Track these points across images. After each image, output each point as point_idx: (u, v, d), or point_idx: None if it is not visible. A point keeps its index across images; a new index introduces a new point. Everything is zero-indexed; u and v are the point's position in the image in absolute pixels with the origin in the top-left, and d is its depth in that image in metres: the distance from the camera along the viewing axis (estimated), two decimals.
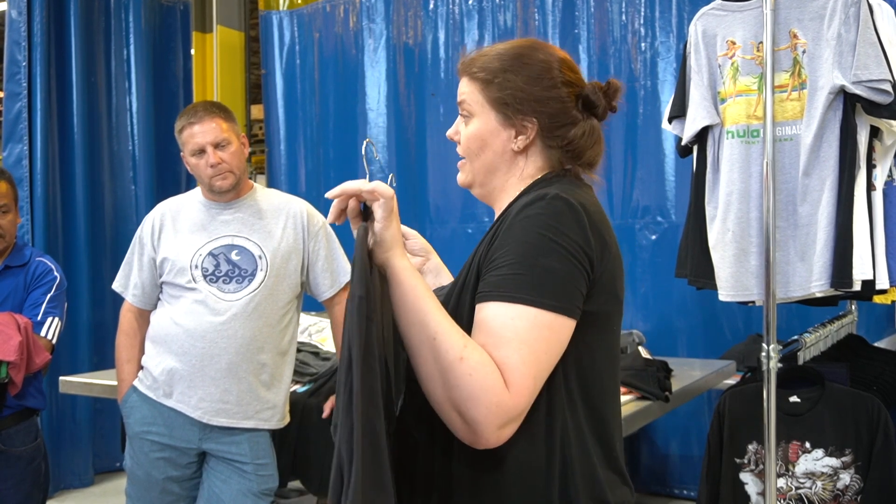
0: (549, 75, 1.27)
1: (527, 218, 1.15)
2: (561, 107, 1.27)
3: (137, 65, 5.00)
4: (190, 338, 2.40)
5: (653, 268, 4.11)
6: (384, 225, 1.15)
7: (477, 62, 1.31)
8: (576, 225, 1.15)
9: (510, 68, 1.28)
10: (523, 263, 1.12)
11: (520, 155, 1.29)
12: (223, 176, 2.44)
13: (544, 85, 1.27)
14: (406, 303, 1.12)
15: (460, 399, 1.07)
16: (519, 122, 1.27)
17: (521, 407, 1.09)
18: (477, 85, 1.30)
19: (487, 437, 1.08)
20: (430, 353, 1.09)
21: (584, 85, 1.31)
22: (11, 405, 2.62)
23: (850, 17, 2.37)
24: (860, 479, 2.56)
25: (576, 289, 1.14)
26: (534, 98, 1.27)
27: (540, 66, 1.28)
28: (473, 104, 1.30)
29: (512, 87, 1.27)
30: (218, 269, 2.43)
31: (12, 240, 2.73)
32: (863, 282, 2.42)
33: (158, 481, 2.46)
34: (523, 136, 1.28)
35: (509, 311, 1.11)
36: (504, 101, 1.27)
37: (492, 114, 1.29)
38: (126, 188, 4.97)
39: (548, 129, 1.28)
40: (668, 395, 2.66)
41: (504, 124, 1.28)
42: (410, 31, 4.80)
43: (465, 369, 1.07)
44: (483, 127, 1.29)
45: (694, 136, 2.65)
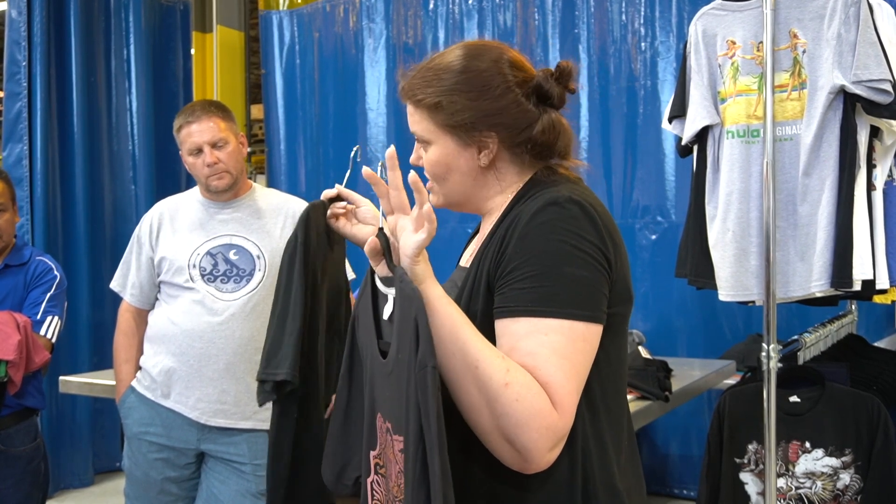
0: (496, 83, 1.21)
1: (542, 225, 1.10)
2: (516, 111, 1.21)
3: (137, 65, 5.00)
4: (188, 338, 2.39)
5: (653, 268, 4.11)
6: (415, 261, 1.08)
7: (417, 87, 1.24)
8: (592, 228, 1.11)
9: (454, 87, 1.21)
10: (548, 274, 1.07)
11: (489, 169, 1.24)
12: (219, 176, 2.43)
13: (494, 95, 1.20)
14: (443, 333, 1.05)
15: (509, 426, 1.02)
16: (477, 139, 1.22)
17: (569, 426, 1.05)
18: (424, 112, 1.24)
19: (538, 462, 1.04)
20: (474, 382, 1.03)
21: (534, 74, 1.24)
22: (11, 405, 2.62)
23: (850, 16, 2.37)
24: (860, 479, 2.56)
25: (602, 294, 1.10)
26: (485, 113, 1.20)
27: (485, 76, 1.21)
28: (426, 132, 1.24)
29: (460, 107, 1.20)
30: (216, 269, 2.42)
31: (10, 239, 2.73)
32: (863, 282, 2.42)
33: (157, 482, 2.46)
34: (486, 151, 1.22)
35: (542, 327, 1.06)
36: (457, 124, 1.21)
37: (447, 138, 1.23)
38: (126, 188, 4.97)
39: (509, 138, 1.22)
40: (668, 395, 2.65)
41: (463, 145, 1.22)
42: (410, 31, 4.80)
43: (511, 395, 1.01)
44: (443, 151, 1.24)
45: (694, 136, 2.65)
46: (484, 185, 1.25)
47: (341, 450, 1.33)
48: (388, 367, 1.11)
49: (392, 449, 1.13)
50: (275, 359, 1.61)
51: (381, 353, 1.16)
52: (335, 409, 1.34)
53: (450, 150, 1.23)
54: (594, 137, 4.28)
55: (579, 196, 1.13)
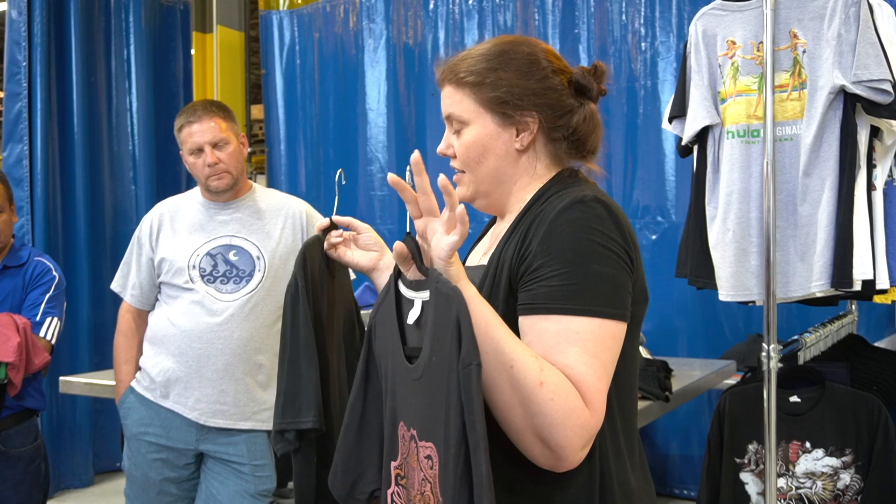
0: (538, 66, 1.23)
1: (569, 223, 1.10)
2: (557, 96, 1.23)
3: (137, 65, 4.99)
4: (187, 338, 2.39)
5: (653, 268, 4.09)
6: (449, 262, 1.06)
7: (460, 67, 1.25)
8: (617, 228, 1.11)
9: (499, 66, 1.22)
10: (576, 272, 1.07)
11: (524, 154, 1.24)
12: (219, 176, 2.43)
13: (537, 77, 1.22)
14: (478, 332, 1.03)
15: (543, 425, 1.02)
16: (519, 118, 1.22)
17: (600, 423, 1.06)
18: (466, 90, 1.23)
19: (571, 460, 1.04)
20: (508, 381, 1.03)
21: (572, 70, 1.26)
22: (11, 406, 2.61)
23: (850, 16, 2.37)
24: (860, 479, 2.56)
25: (627, 293, 1.11)
26: (530, 91, 1.21)
27: (527, 58, 1.23)
28: (466, 111, 1.24)
29: (506, 83, 1.21)
30: (216, 270, 2.42)
31: (8, 240, 2.72)
32: (863, 282, 2.42)
33: (156, 482, 2.46)
34: (526, 133, 1.22)
35: (573, 325, 1.06)
36: (501, 100, 1.21)
37: (488, 117, 1.22)
38: (126, 188, 4.97)
39: (550, 121, 1.23)
40: (669, 395, 2.65)
41: (503, 125, 1.22)
42: (410, 31, 4.80)
43: (546, 394, 1.01)
44: (481, 132, 1.23)
45: (694, 136, 2.65)
46: (515, 173, 1.24)
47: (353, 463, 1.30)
48: (417, 373, 1.09)
49: (416, 456, 1.12)
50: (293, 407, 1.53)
51: (407, 359, 1.14)
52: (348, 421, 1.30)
53: (489, 129, 1.23)
54: None
55: (603, 196, 1.14)
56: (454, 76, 1.25)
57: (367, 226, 1.55)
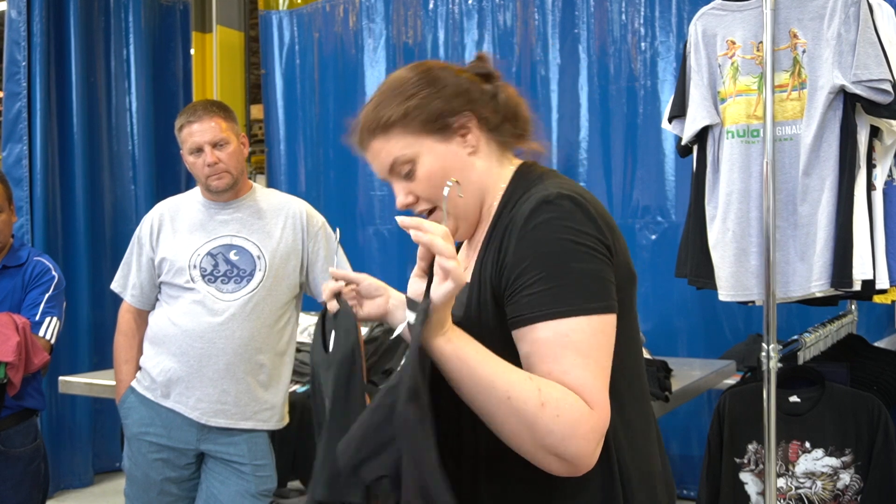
0: (441, 75, 1.24)
1: (538, 226, 1.10)
2: (476, 88, 1.24)
3: (137, 65, 5.00)
4: (188, 338, 2.39)
5: (653, 268, 4.11)
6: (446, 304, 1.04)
7: (375, 116, 1.24)
8: (588, 219, 1.11)
9: (410, 91, 1.22)
10: (556, 274, 1.07)
11: (477, 155, 1.24)
12: (219, 176, 2.43)
13: (447, 82, 1.23)
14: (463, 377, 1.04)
15: (555, 443, 1.02)
16: (457, 123, 1.22)
17: (608, 420, 1.06)
18: (396, 130, 1.22)
19: (588, 463, 1.05)
20: (509, 412, 1.02)
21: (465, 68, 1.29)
22: (10, 406, 2.61)
23: (850, 16, 2.37)
24: (860, 479, 2.56)
25: (610, 283, 1.11)
26: (452, 94, 1.22)
27: (427, 75, 1.24)
28: (407, 148, 1.22)
29: (427, 100, 1.21)
30: (216, 269, 2.42)
31: (7, 240, 2.72)
32: (863, 281, 2.41)
33: (156, 482, 2.46)
34: (470, 135, 1.23)
35: (562, 328, 1.06)
36: (434, 116, 1.21)
37: (430, 140, 1.22)
38: (126, 188, 4.97)
39: (483, 112, 1.24)
40: (668, 395, 2.65)
41: (447, 139, 1.22)
42: (410, 31, 4.80)
43: (551, 413, 1.01)
44: (432, 157, 1.21)
45: (694, 136, 2.65)
46: (479, 179, 1.24)
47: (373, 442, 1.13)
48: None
49: None
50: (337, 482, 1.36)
51: None
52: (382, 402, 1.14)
53: (437, 151, 1.22)
54: (594, 137, 4.28)
55: (568, 189, 1.13)
56: (376, 126, 1.24)
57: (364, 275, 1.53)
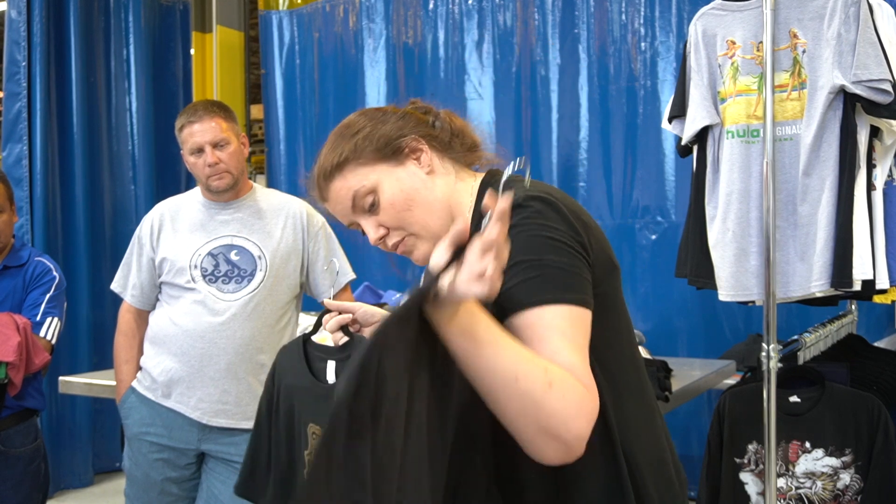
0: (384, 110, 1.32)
1: (512, 228, 1.08)
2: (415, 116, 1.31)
3: (137, 65, 5.00)
4: (189, 338, 2.39)
5: (653, 268, 4.11)
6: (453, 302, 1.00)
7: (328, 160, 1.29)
8: (559, 217, 1.12)
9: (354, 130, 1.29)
10: (533, 265, 1.08)
11: (435, 174, 1.28)
12: (220, 176, 2.43)
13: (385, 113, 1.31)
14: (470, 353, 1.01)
15: (559, 423, 1.00)
16: (407, 146, 1.27)
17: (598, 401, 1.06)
18: (349, 167, 1.27)
19: (581, 446, 1.03)
20: (516, 394, 1.00)
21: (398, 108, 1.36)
22: (11, 406, 2.61)
23: (850, 16, 2.37)
24: (860, 479, 2.56)
25: (585, 280, 1.11)
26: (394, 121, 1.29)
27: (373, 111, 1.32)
28: (365, 179, 1.26)
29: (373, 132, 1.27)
30: (217, 270, 2.42)
31: (9, 240, 2.72)
32: (863, 282, 2.41)
33: (157, 482, 2.46)
34: (423, 155, 1.27)
35: (546, 315, 1.06)
36: (383, 144, 1.26)
37: (384, 166, 1.26)
38: (126, 188, 4.97)
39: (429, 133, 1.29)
40: (668, 395, 2.65)
41: (401, 162, 1.27)
42: (410, 31, 4.80)
43: (557, 394, 1.00)
44: (391, 183, 1.25)
45: (694, 136, 2.64)
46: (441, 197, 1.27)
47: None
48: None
49: None
50: None
51: None
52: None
53: (394, 175, 1.25)
54: (594, 137, 4.28)
55: (536, 191, 1.15)
56: (331, 168, 1.28)
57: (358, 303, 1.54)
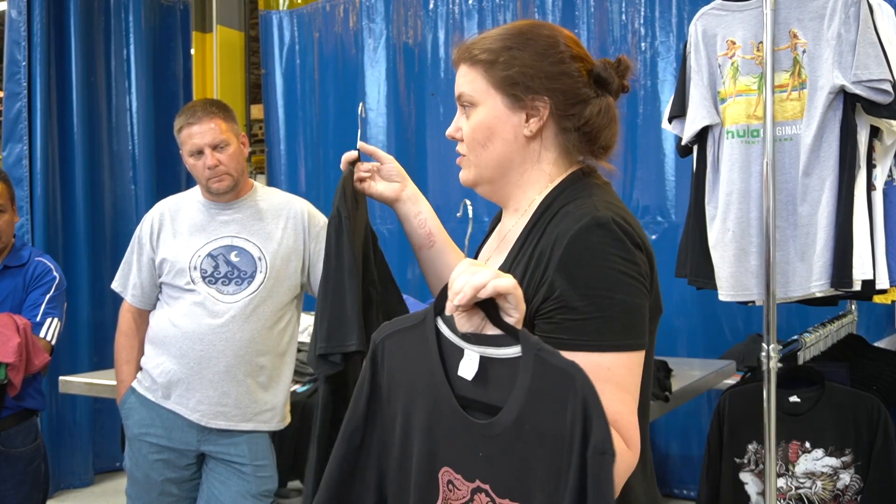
0: (556, 50, 1.18)
1: (589, 249, 1.05)
2: (573, 83, 1.18)
3: (137, 65, 4.99)
4: (188, 340, 2.39)
5: None
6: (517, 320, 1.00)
7: (477, 45, 1.21)
8: (636, 248, 1.08)
9: (514, 45, 1.18)
10: (602, 304, 1.03)
11: (532, 140, 1.19)
12: (220, 178, 2.42)
13: (553, 60, 1.17)
14: None
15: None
16: (529, 102, 1.17)
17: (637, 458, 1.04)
18: (479, 69, 1.19)
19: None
20: None
21: (593, 61, 1.21)
22: (11, 406, 2.62)
23: (850, 16, 2.36)
24: (860, 479, 2.56)
25: (646, 318, 1.09)
26: (544, 74, 1.17)
27: (546, 40, 1.18)
28: (476, 91, 1.20)
29: (519, 63, 1.17)
30: (217, 271, 2.42)
31: (9, 240, 2.72)
32: (863, 282, 2.41)
33: (157, 483, 2.46)
34: (535, 118, 1.18)
35: (604, 361, 1.02)
36: (512, 80, 1.17)
37: (498, 98, 1.18)
38: (126, 188, 4.97)
39: (561, 108, 1.18)
40: (668, 395, 2.65)
41: (513, 108, 1.18)
42: (410, 31, 4.80)
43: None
44: (490, 113, 1.19)
45: (694, 136, 2.64)
46: (523, 162, 1.20)
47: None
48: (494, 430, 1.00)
49: None
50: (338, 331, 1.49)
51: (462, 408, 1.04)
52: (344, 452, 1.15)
53: (498, 111, 1.18)
54: None
55: (617, 213, 1.10)
56: (469, 54, 1.21)
57: (390, 156, 1.55)
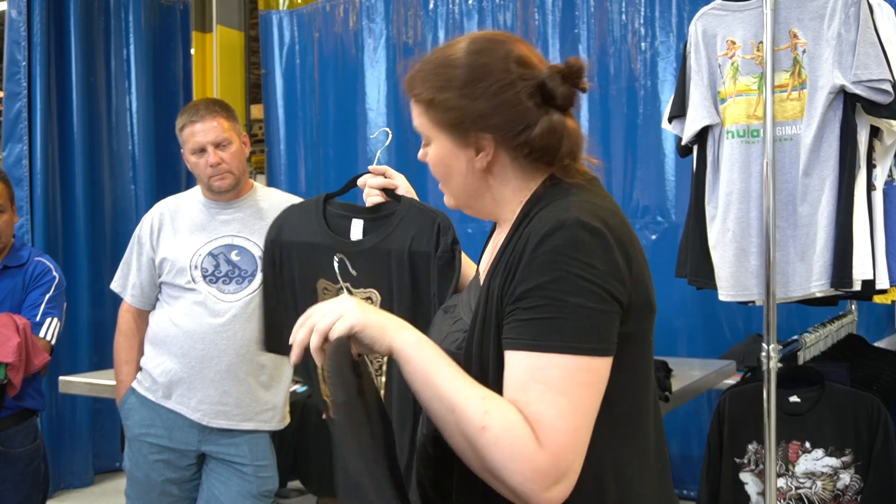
0: (494, 79, 1.12)
1: (549, 252, 1.04)
2: (511, 113, 1.12)
3: (137, 65, 5.00)
4: (189, 339, 2.39)
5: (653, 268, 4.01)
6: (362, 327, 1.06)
7: (413, 82, 1.19)
8: (602, 252, 1.05)
9: (446, 83, 1.14)
10: (551, 306, 1.02)
11: (490, 170, 1.17)
12: (222, 176, 2.42)
13: (489, 93, 1.12)
14: (417, 380, 1.03)
15: (494, 468, 0.99)
16: (474, 138, 1.14)
17: (563, 465, 0.99)
18: (420, 108, 1.19)
19: (538, 501, 0.99)
20: (454, 425, 1.01)
21: (540, 71, 1.15)
22: (10, 406, 2.61)
23: (850, 16, 2.37)
24: (860, 479, 2.56)
25: (610, 324, 1.04)
26: (478, 113, 1.13)
27: (480, 71, 1.13)
28: (424, 129, 1.19)
29: (453, 104, 1.14)
30: (217, 270, 2.42)
31: (9, 240, 2.72)
32: (863, 282, 2.42)
33: (157, 483, 2.46)
34: (483, 154, 1.15)
35: (539, 362, 1.01)
36: (450, 123, 1.15)
37: (444, 136, 1.17)
38: (126, 188, 4.97)
39: (507, 139, 1.14)
40: (668, 395, 2.65)
41: (459, 145, 1.16)
42: (410, 31, 4.80)
43: (488, 439, 0.98)
44: (441, 151, 1.18)
45: (694, 136, 2.65)
46: (488, 189, 1.19)
47: None
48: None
49: None
50: None
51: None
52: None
53: (448, 149, 1.17)
54: (594, 137, 4.28)
55: (588, 216, 1.06)
56: (410, 92, 1.20)
57: (401, 175, 1.55)
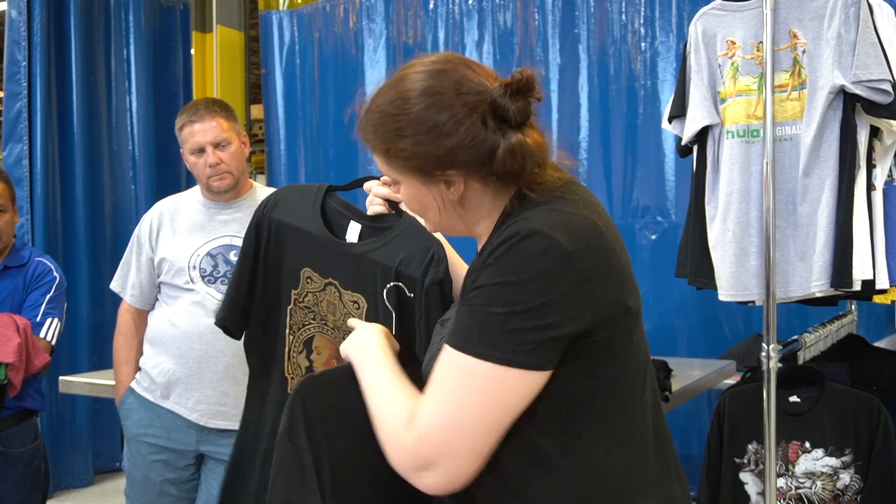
0: (444, 118, 1.09)
1: (496, 259, 1.05)
2: (472, 144, 1.09)
3: (137, 65, 5.00)
4: (187, 339, 2.39)
5: (653, 268, 4.10)
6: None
7: (367, 130, 1.17)
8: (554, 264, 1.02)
9: (401, 132, 1.11)
10: (476, 310, 1.04)
11: (463, 200, 1.16)
12: (221, 176, 2.42)
13: (445, 132, 1.09)
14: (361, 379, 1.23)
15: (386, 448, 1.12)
16: (440, 178, 1.13)
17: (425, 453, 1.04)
18: (379, 157, 1.17)
19: (411, 479, 1.08)
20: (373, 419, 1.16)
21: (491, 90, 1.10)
22: (11, 406, 2.61)
23: (850, 16, 2.37)
24: (860, 479, 2.56)
25: (547, 339, 1.02)
26: (435, 158, 1.10)
27: (433, 112, 1.09)
28: (390, 173, 1.18)
29: (409, 153, 1.11)
30: (216, 270, 2.42)
31: (10, 240, 2.72)
32: (863, 282, 2.41)
33: (156, 483, 2.46)
34: (453, 188, 1.14)
35: (449, 358, 1.06)
36: (412, 168, 1.14)
37: (410, 178, 1.16)
38: (126, 188, 4.97)
39: (472, 170, 1.12)
40: (668, 395, 2.65)
41: (427, 184, 1.15)
42: (410, 31, 4.80)
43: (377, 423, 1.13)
44: (411, 190, 1.17)
45: (694, 136, 2.64)
46: (465, 214, 1.18)
47: None
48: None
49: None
50: None
51: None
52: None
53: (417, 189, 1.16)
54: (594, 137, 4.28)
55: (548, 225, 1.05)
56: (364, 141, 1.18)
57: None
